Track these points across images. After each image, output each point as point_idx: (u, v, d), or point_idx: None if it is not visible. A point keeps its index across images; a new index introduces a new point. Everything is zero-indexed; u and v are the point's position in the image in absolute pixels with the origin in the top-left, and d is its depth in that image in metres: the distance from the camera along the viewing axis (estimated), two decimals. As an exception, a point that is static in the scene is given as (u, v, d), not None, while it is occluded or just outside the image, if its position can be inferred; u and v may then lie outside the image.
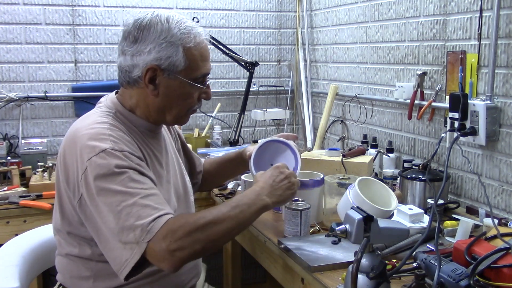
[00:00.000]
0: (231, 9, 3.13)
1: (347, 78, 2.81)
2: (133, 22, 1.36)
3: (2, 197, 2.18)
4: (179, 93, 1.38)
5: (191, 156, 1.79)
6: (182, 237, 1.18)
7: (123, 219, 1.18)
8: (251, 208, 1.32)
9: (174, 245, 1.17)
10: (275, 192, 1.40)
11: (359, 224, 1.16)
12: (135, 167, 1.26)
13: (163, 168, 1.46)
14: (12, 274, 1.47)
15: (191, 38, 1.35)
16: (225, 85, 3.19)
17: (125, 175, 1.23)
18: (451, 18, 2.01)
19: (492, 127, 1.79)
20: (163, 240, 1.17)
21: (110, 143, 1.26)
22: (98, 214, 1.22)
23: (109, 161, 1.23)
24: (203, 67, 1.39)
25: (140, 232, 1.17)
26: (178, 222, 1.20)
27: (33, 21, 2.73)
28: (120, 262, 1.20)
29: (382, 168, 2.24)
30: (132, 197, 1.20)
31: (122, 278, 1.21)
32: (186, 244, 1.18)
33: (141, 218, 1.18)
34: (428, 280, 1.22)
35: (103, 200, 1.20)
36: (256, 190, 1.38)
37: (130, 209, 1.19)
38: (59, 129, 2.84)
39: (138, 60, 1.33)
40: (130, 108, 1.41)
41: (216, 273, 2.74)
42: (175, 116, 1.43)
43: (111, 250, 1.22)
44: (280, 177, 1.44)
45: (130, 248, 1.18)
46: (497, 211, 1.82)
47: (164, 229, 1.18)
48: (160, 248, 1.17)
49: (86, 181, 1.23)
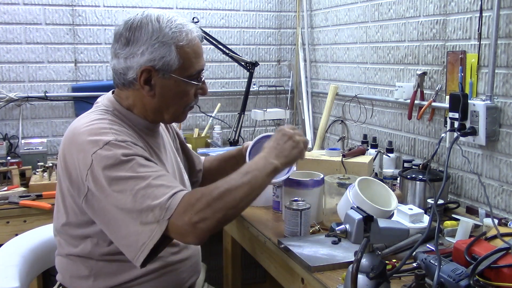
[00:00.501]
0: (231, 9, 3.13)
1: (347, 78, 2.81)
2: (124, 24, 1.36)
3: (2, 197, 2.18)
4: (175, 92, 1.38)
5: (190, 154, 1.80)
6: (202, 208, 1.19)
7: (139, 202, 1.19)
8: (262, 173, 1.32)
9: (196, 218, 1.18)
10: (282, 153, 1.40)
11: (359, 224, 1.16)
12: (141, 153, 1.28)
13: (163, 165, 1.46)
14: (12, 274, 1.47)
15: (183, 36, 1.35)
16: (225, 85, 3.19)
17: (133, 162, 1.24)
18: (451, 18, 2.01)
19: (492, 127, 1.79)
20: (184, 214, 1.18)
21: (112, 135, 1.27)
22: (112, 204, 1.22)
23: (115, 152, 1.24)
24: (197, 63, 1.39)
25: (159, 211, 1.18)
26: (195, 195, 1.21)
27: (33, 21, 2.73)
28: (136, 248, 1.20)
29: (382, 168, 2.24)
30: (144, 180, 1.21)
31: (138, 265, 1.21)
32: (208, 215, 1.19)
33: (157, 198, 1.20)
34: (428, 280, 1.22)
35: (116, 188, 1.21)
36: (263, 156, 1.38)
37: (145, 191, 1.20)
38: (59, 129, 2.84)
39: (132, 63, 1.34)
40: (127, 107, 1.41)
41: (216, 273, 2.74)
42: (173, 114, 1.43)
43: (125, 237, 1.22)
44: (284, 138, 1.44)
45: (150, 230, 1.18)
46: (497, 211, 1.82)
47: (183, 204, 1.19)
48: (183, 223, 1.18)
49: (93, 175, 1.23)
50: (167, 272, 1.44)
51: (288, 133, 1.45)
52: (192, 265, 1.54)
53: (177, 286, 1.49)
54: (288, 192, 1.79)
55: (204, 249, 1.66)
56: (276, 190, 1.93)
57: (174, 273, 1.47)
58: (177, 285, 1.49)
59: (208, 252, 2.07)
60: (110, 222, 1.24)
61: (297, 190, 1.76)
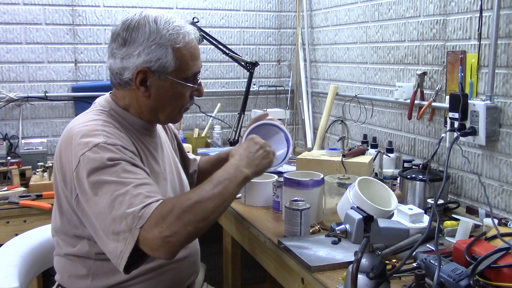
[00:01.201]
0: (231, 9, 3.13)
1: (347, 78, 2.80)
2: (121, 24, 1.36)
3: (2, 197, 2.18)
4: (171, 94, 1.38)
5: (185, 157, 1.80)
6: (172, 222, 1.17)
7: (116, 208, 1.18)
8: (233, 182, 1.32)
9: (166, 232, 1.16)
10: (253, 162, 1.40)
11: (359, 224, 1.16)
12: (128, 159, 1.27)
13: (159, 165, 1.47)
14: (12, 274, 1.47)
15: (180, 39, 1.34)
16: (225, 85, 3.19)
17: (118, 166, 1.23)
18: (451, 18, 2.01)
19: (492, 127, 1.79)
20: (155, 226, 1.16)
21: (103, 138, 1.27)
22: (92, 210, 1.22)
23: (101, 155, 1.23)
24: (194, 66, 1.39)
25: (131, 219, 1.17)
26: (166, 207, 1.19)
27: (33, 21, 2.73)
28: (116, 255, 1.19)
29: (382, 168, 2.24)
30: (124, 186, 1.20)
31: (121, 271, 1.20)
32: (178, 229, 1.17)
33: (132, 206, 1.18)
34: (428, 280, 1.22)
35: (97, 192, 1.20)
36: (234, 164, 1.37)
37: (123, 197, 1.19)
38: (59, 129, 2.84)
39: (128, 63, 1.33)
40: (124, 107, 1.41)
41: (216, 273, 2.74)
42: (168, 115, 1.44)
43: (106, 244, 1.21)
44: (255, 147, 1.43)
45: (124, 238, 1.17)
46: (497, 211, 1.82)
47: (155, 215, 1.18)
48: (153, 236, 1.16)
49: (77, 177, 1.23)
50: (165, 271, 1.44)
51: (260, 142, 1.45)
52: (191, 264, 1.54)
53: (176, 285, 1.49)
54: (288, 192, 1.79)
55: (203, 249, 1.66)
56: (276, 190, 1.93)
57: (173, 272, 1.47)
58: (176, 284, 1.49)
59: (208, 252, 2.08)
60: (92, 226, 1.25)
61: (297, 190, 1.76)
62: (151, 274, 1.41)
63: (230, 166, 1.37)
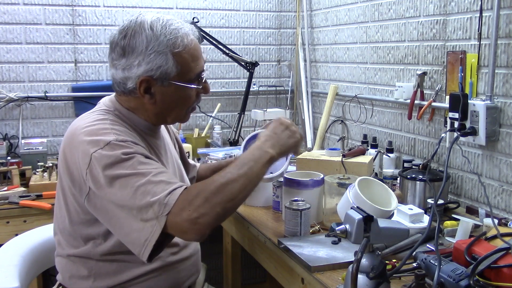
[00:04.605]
0: (231, 9, 3.13)
1: (347, 78, 2.80)
2: (118, 33, 1.35)
3: (2, 197, 2.18)
4: (176, 98, 1.38)
5: (185, 161, 1.80)
6: (200, 204, 1.18)
7: (139, 199, 1.19)
8: (258, 163, 1.32)
9: (195, 214, 1.17)
10: (278, 142, 1.40)
11: (359, 224, 1.16)
12: (142, 152, 1.28)
13: (164, 166, 1.46)
14: (12, 274, 1.47)
15: (178, 42, 1.33)
16: (225, 85, 3.19)
17: (134, 160, 1.24)
18: (451, 18, 2.01)
19: (492, 127, 1.79)
20: (182, 210, 1.17)
21: (113, 135, 1.27)
22: (113, 202, 1.22)
23: (115, 152, 1.24)
24: (196, 67, 1.38)
25: (158, 207, 1.18)
26: (192, 191, 1.21)
27: (33, 21, 2.73)
28: (139, 244, 1.20)
29: (382, 168, 2.24)
30: (144, 176, 1.21)
31: (145, 260, 1.21)
32: (206, 210, 1.18)
33: (156, 194, 1.19)
34: (428, 280, 1.22)
35: (117, 186, 1.21)
36: (259, 145, 1.38)
37: (145, 187, 1.20)
38: (59, 129, 2.84)
39: (130, 73, 1.33)
40: (128, 108, 1.41)
41: (216, 273, 2.74)
42: (176, 117, 1.45)
43: (128, 235, 1.22)
44: (281, 128, 1.43)
45: (150, 226, 1.18)
46: (497, 211, 1.82)
47: (180, 201, 1.19)
48: (181, 219, 1.17)
49: (92, 174, 1.23)
50: (167, 271, 1.44)
51: (286, 122, 1.45)
52: (192, 265, 1.54)
53: (177, 285, 1.50)
54: (288, 192, 1.79)
55: (204, 249, 1.66)
56: (276, 190, 1.93)
57: (174, 272, 1.47)
58: (177, 284, 1.49)
59: (208, 252, 2.07)
60: (112, 220, 1.25)
61: (297, 190, 1.76)
62: (152, 275, 1.41)
63: (255, 147, 1.37)
